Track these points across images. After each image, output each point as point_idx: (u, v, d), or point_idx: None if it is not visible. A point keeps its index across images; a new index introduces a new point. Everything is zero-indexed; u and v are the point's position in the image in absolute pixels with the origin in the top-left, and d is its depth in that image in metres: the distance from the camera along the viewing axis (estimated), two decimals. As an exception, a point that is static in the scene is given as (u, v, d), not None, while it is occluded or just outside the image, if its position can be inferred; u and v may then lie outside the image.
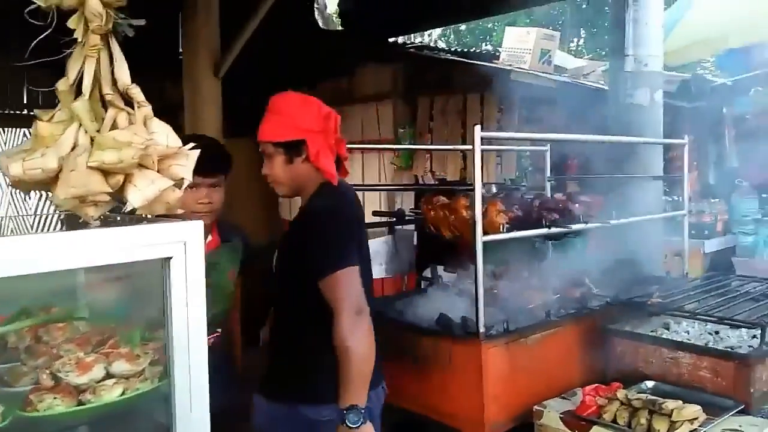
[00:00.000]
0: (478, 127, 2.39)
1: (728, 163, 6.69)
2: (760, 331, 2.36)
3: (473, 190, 2.39)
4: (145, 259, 1.05)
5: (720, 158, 6.80)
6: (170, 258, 1.08)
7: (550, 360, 2.65)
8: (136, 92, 1.24)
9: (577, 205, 3.03)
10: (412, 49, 6.21)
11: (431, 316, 2.69)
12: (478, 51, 7.09)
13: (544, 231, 2.70)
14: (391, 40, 6.65)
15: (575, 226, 2.79)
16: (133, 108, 1.27)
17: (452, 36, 19.55)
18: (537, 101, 5.89)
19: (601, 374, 2.73)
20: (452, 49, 7.22)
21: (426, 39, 17.19)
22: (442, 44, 16.12)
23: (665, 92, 6.05)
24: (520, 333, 2.55)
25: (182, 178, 1.26)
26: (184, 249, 1.10)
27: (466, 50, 7.51)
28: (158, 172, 1.24)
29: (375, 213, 3.82)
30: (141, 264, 1.09)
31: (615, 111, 4.47)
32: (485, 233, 2.49)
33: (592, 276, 3.34)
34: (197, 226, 1.13)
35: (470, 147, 4.80)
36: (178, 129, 1.30)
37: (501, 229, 2.55)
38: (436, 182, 5.83)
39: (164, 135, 1.25)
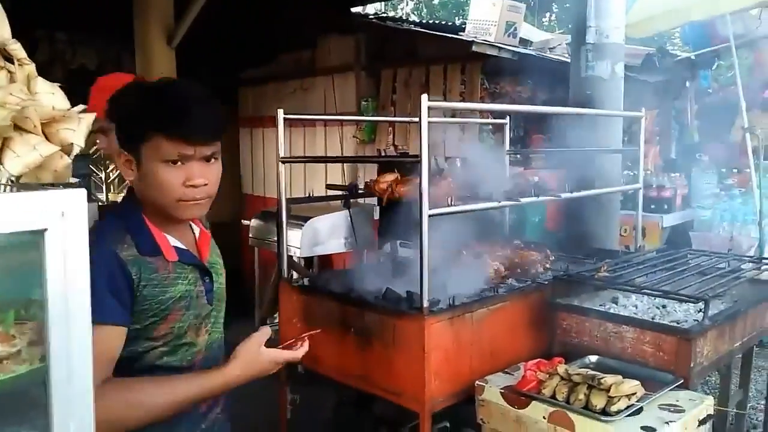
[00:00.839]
0: (425, 96, 2.30)
1: (690, 137, 6.73)
2: (703, 306, 2.35)
3: (420, 162, 2.31)
4: (12, 231, 0.96)
5: (682, 133, 6.83)
6: (45, 230, 1.00)
7: (496, 335, 2.62)
8: (17, 48, 1.14)
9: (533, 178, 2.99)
10: (374, 20, 6.07)
11: (380, 291, 2.65)
12: (442, 22, 6.95)
13: (493, 204, 2.65)
14: (354, 10, 6.49)
15: (525, 200, 2.74)
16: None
17: (425, 10, 19.35)
18: (500, 74, 5.82)
19: (547, 349, 2.71)
20: (418, 21, 7.09)
21: (399, 13, 16.98)
22: (414, 18, 15.92)
23: (631, 66, 6.06)
24: (465, 308, 2.51)
25: (72, 144, 1.16)
26: (62, 220, 1.01)
27: (430, 22, 7.39)
28: (46, 136, 1.14)
29: (329, 186, 3.74)
30: (16, 236, 1.00)
31: (575, 84, 4.43)
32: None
33: (547, 249, 3.33)
34: (78, 195, 1.04)
35: (443, 119, 4.85)
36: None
37: (449, 203, 2.49)
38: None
39: (50, 96, 1.15)
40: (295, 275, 3.11)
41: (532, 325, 2.74)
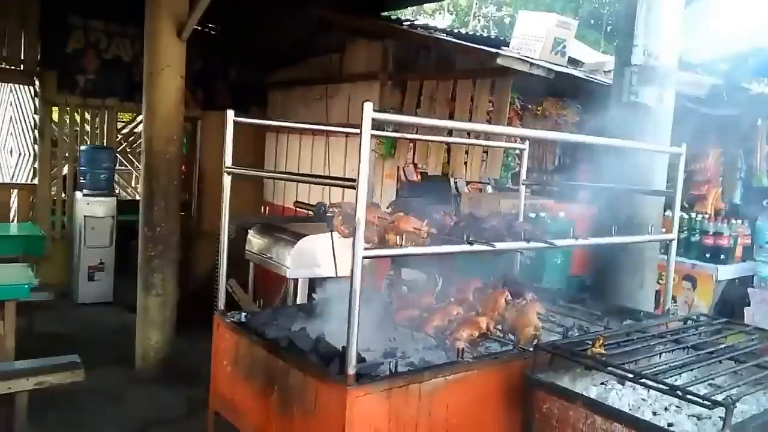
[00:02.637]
0: (369, 105, 1.80)
1: (758, 181, 5.91)
2: (724, 412, 1.73)
3: (356, 187, 1.80)
4: None
5: (749, 176, 6.02)
6: None
7: (454, 415, 2.07)
8: None
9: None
10: (405, 26, 5.60)
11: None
12: (478, 34, 6.41)
13: (462, 248, 2.09)
14: (384, 14, 6.04)
15: (501, 245, 2.18)
16: None
17: (494, 29, 18.71)
18: (538, 94, 5.23)
19: (520, 437, 2.15)
20: (451, 30, 6.57)
21: (443, 23, 16.33)
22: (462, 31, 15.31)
23: (693, 97, 5.34)
24: (412, 377, 1.97)
25: None
26: None
27: (465, 32, 6.85)
28: None
29: (297, 204, 3.27)
30: None
31: (615, 109, 3.82)
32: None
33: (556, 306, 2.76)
34: None
35: (464, 140, 4.29)
36: None
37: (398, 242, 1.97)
38: (417, 177, 5.25)
39: None
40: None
41: (504, 405, 2.18)
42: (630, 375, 1.88)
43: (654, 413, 2.05)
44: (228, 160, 2.52)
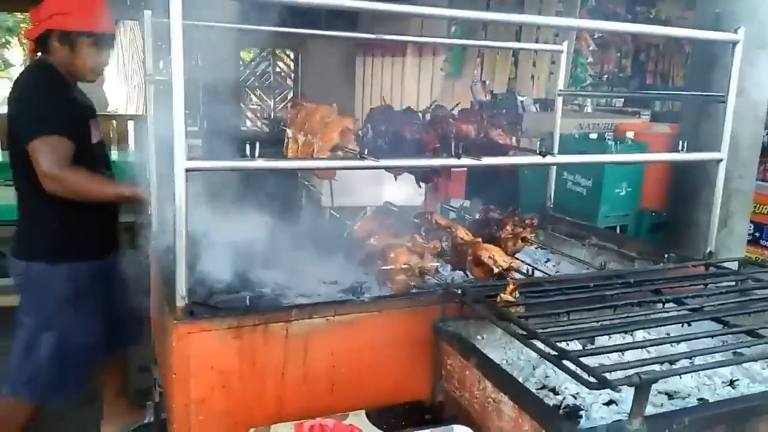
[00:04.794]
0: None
1: None
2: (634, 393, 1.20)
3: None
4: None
5: None
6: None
7: (342, 365, 1.72)
8: None
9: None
10: None
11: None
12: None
13: (352, 163, 1.66)
14: None
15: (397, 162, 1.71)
16: None
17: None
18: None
19: (430, 397, 1.74)
20: None
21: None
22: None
23: None
24: (272, 315, 1.64)
25: None
26: None
27: None
28: None
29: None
30: None
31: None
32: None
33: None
34: None
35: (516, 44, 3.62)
36: None
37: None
38: (485, 99, 4.67)
39: None
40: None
41: (413, 358, 1.77)
42: (521, 333, 1.39)
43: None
44: (150, 67, 2.27)
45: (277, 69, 10.39)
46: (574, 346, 1.68)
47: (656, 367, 1.47)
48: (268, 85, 10.39)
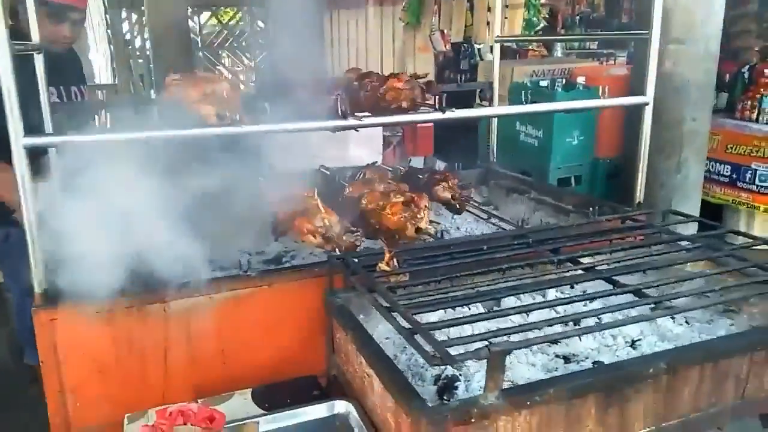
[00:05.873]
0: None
1: None
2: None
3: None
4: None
5: None
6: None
7: (231, 343, 1.65)
8: None
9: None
10: None
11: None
12: None
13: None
14: None
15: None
16: None
17: None
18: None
19: (324, 371, 1.67)
20: None
21: None
22: None
23: None
24: (147, 296, 1.56)
25: None
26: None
27: None
28: None
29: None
30: None
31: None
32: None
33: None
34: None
35: None
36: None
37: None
38: (446, 49, 4.47)
39: None
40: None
41: (307, 332, 1.70)
42: (384, 305, 1.30)
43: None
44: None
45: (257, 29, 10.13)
46: (457, 314, 1.57)
47: (550, 330, 1.39)
48: (247, 46, 10.14)
